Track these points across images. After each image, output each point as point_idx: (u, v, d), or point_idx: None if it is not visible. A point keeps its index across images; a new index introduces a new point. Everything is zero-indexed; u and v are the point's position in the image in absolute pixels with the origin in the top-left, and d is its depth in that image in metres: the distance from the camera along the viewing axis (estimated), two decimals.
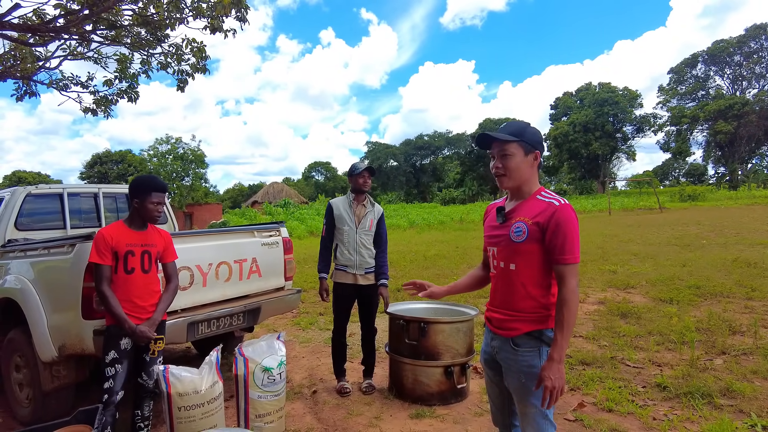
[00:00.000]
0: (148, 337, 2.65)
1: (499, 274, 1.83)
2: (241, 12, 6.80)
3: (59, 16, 6.34)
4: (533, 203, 1.76)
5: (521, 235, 1.72)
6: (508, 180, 1.78)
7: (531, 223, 1.71)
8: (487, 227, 1.95)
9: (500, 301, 1.83)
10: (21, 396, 3.48)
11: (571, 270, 1.67)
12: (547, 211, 1.69)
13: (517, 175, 1.76)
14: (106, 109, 8.09)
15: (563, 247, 1.67)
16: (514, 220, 1.77)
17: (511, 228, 1.76)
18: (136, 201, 2.73)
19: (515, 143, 1.74)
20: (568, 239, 1.66)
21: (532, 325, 1.75)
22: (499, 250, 1.81)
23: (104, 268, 2.61)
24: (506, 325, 1.79)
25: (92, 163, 47.18)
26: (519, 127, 1.77)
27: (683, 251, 10.00)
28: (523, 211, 1.76)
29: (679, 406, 3.23)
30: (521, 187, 1.79)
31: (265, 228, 4.01)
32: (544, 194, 1.78)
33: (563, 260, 1.68)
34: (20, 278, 3.34)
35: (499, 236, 1.81)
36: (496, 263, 1.84)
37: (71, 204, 4.56)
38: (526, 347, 1.76)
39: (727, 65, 48.24)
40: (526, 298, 1.75)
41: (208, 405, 2.66)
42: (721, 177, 49.39)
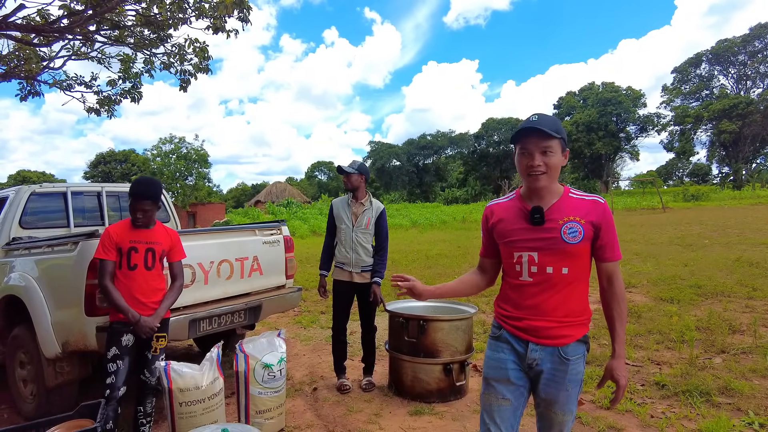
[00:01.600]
0: (152, 328, 2.68)
1: (543, 281, 1.67)
2: (243, 12, 6.84)
3: (63, 16, 6.39)
4: (573, 202, 1.67)
5: (577, 236, 1.62)
6: (547, 179, 1.65)
7: (585, 222, 1.63)
8: (506, 230, 1.74)
9: (545, 308, 1.67)
10: (25, 392, 3.53)
11: (618, 267, 1.70)
12: (597, 209, 1.64)
13: (555, 174, 1.66)
14: (110, 109, 8.15)
15: (613, 244, 1.66)
16: (560, 220, 1.64)
17: (561, 229, 1.63)
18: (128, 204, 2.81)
19: (557, 140, 1.63)
20: (615, 236, 1.67)
21: (582, 329, 1.70)
22: (544, 254, 1.66)
23: (107, 264, 2.66)
24: (555, 333, 1.67)
25: (96, 162, 47.42)
26: (556, 123, 1.66)
27: (685, 251, 9.99)
28: (568, 210, 1.66)
29: (677, 404, 3.25)
30: (552, 186, 1.69)
31: (267, 226, 4.04)
32: (576, 193, 1.71)
33: (615, 257, 1.67)
34: (24, 276, 3.38)
35: (543, 239, 1.66)
36: (537, 269, 1.67)
37: (75, 203, 4.60)
38: (576, 354, 1.68)
39: (731, 65, 48.05)
40: (576, 301, 1.68)
41: (209, 401, 2.70)
42: (725, 177, 49.21)
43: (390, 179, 57.95)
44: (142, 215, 2.75)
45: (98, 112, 8.12)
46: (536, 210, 1.67)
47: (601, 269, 1.70)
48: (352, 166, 3.80)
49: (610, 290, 1.69)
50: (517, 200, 1.75)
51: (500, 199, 1.84)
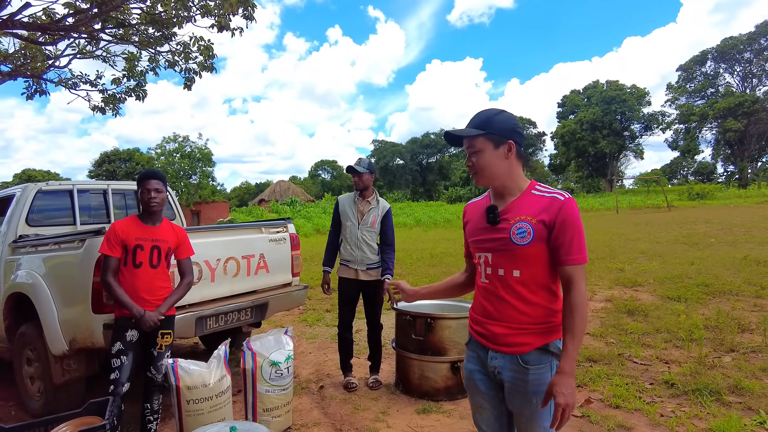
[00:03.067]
0: (155, 322, 2.67)
1: (496, 284, 1.59)
2: (248, 10, 6.83)
3: (68, 14, 6.40)
4: (531, 199, 1.56)
5: (525, 237, 1.50)
6: (481, 178, 1.59)
7: (535, 221, 1.50)
8: (471, 230, 1.70)
9: (500, 312, 1.58)
10: (32, 389, 3.53)
11: (580, 271, 1.50)
12: (553, 207, 1.50)
13: (490, 172, 1.56)
14: (115, 108, 8.17)
15: (571, 246, 1.49)
16: (512, 219, 1.54)
17: (511, 229, 1.53)
18: (137, 194, 2.81)
19: (481, 137, 1.55)
20: (575, 237, 1.49)
21: (542, 337, 1.55)
22: (496, 256, 1.58)
23: (111, 260, 2.65)
24: (511, 340, 1.56)
25: (101, 161, 47.53)
26: (485, 118, 1.57)
27: (691, 249, 9.94)
28: (522, 209, 1.55)
29: (687, 403, 3.22)
30: (503, 183, 1.59)
31: (273, 224, 4.03)
32: (541, 188, 1.58)
33: (572, 260, 1.50)
34: (31, 273, 3.39)
35: (494, 239, 1.58)
36: (491, 271, 1.59)
37: (81, 200, 4.60)
38: (537, 364, 1.54)
39: (737, 62, 47.78)
40: (533, 306, 1.55)
41: (217, 398, 2.69)
42: (731, 175, 48.98)
43: (393, 178, 57.93)
44: (155, 194, 2.75)
45: (103, 110, 8.14)
46: (490, 209, 1.60)
47: (560, 274, 1.54)
48: (361, 165, 3.78)
49: (567, 298, 1.52)
50: (486, 199, 1.70)
51: (478, 197, 1.78)
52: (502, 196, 1.61)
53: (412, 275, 8.78)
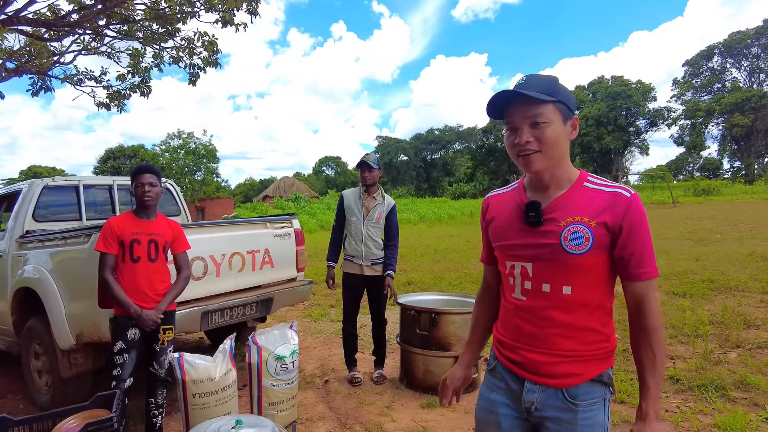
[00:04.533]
0: (154, 322, 2.69)
1: (539, 302, 1.26)
2: (252, 5, 6.83)
3: (73, 11, 6.42)
4: (585, 194, 1.22)
5: (583, 244, 1.18)
6: (542, 159, 1.20)
7: (595, 224, 1.18)
8: (500, 231, 1.34)
9: (543, 337, 1.25)
10: (40, 383, 3.57)
11: (653, 288, 1.20)
12: (618, 206, 1.17)
13: (556, 152, 1.20)
14: (120, 104, 8.20)
15: (642, 257, 1.18)
16: (562, 220, 1.21)
17: (561, 233, 1.20)
18: (131, 189, 2.82)
19: (551, 105, 1.18)
20: (648, 245, 1.19)
21: (595, 366, 1.24)
22: (540, 267, 1.24)
23: (108, 257, 2.66)
24: (556, 369, 1.24)
25: (105, 158, 47.72)
26: (550, 82, 1.21)
27: (697, 246, 9.88)
28: (575, 207, 1.21)
29: (692, 398, 3.22)
30: (556, 170, 1.23)
31: (278, 220, 4.04)
32: (596, 181, 1.25)
33: (645, 274, 1.18)
34: (38, 268, 3.41)
35: (538, 246, 1.23)
36: (532, 286, 1.26)
37: (86, 196, 4.62)
38: (588, 399, 1.23)
39: (744, 57, 47.36)
40: (586, 331, 1.23)
41: (222, 392, 2.70)
42: (737, 171, 48.63)
43: (397, 174, 57.90)
44: (149, 188, 2.74)
45: (108, 106, 8.17)
46: (532, 206, 1.25)
47: (626, 291, 1.23)
48: (372, 160, 3.78)
49: (639, 322, 1.21)
50: (518, 191, 1.34)
51: (502, 188, 1.45)
52: (545, 189, 1.26)
53: (416, 271, 8.79)
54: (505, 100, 1.21)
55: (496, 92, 1.21)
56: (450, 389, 1.52)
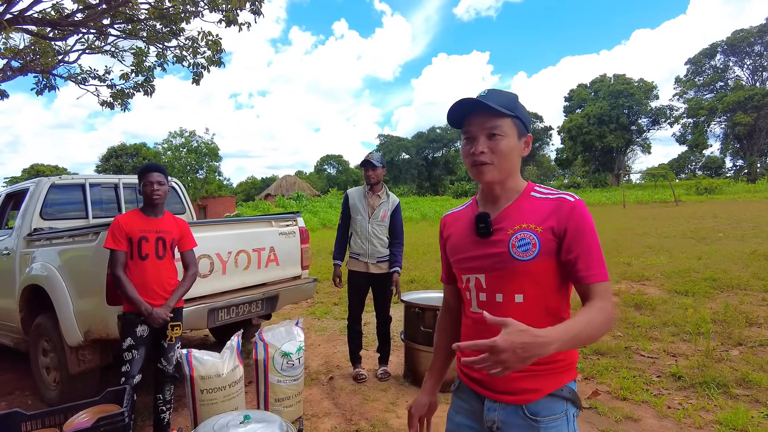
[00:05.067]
0: (164, 319, 2.72)
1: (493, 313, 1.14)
2: (255, 5, 6.86)
3: (78, 10, 6.46)
4: (532, 203, 1.24)
5: (530, 250, 1.18)
6: (494, 170, 1.22)
7: (541, 229, 1.19)
8: (455, 246, 1.34)
9: None
10: (48, 379, 3.61)
11: (605, 290, 1.16)
12: (562, 211, 1.19)
13: (507, 165, 1.23)
14: (123, 103, 8.23)
15: (590, 259, 1.16)
16: (510, 228, 1.21)
17: (509, 241, 1.20)
18: (139, 187, 2.85)
19: (509, 119, 1.21)
20: (594, 247, 1.18)
21: (554, 379, 1.21)
22: (492, 277, 1.23)
23: (119, 254, 2.69)
24: (515, 386, 1.21)
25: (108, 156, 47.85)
26: (511, 99, 1.24)
27: (699, 244, 9.89)
28: (522, 215, 1.22)
29: (694, 395, 3.24)
30: (506, 182, 1.26)
31: (283, 218, 4.08)
32: (542, 190, 1.27)
33: (594, 276, 1.16)
34: (47, 266, 3.45)
35: (488, 256, 1.23)
36: (486, 297, 1.25)
37: (93, 194, 4.66)
38: (549, 415, 1.20)
39: (747, 55, 47.26)
40: None
41: (230, 388, 2.74)
42: (739, 170, 48.58)
43: (399, 173, 57.94)
44: (158, 186, 2.78)
45: (112, 105, 8.20)
46: (481, 217, 1.25)
47: (580, 294, 1.20)
48: (376, 159, 3.82)
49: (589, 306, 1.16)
50: (471, 207, 1.36)
51: (458, 207, 1.45)
52: (495, 201, 1.28)
53: (419, 269, 8.83)
54: (465, 109, 1.23)
55: (458, 100, 1.21)
56: (415, 418, 1.46)
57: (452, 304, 1.47)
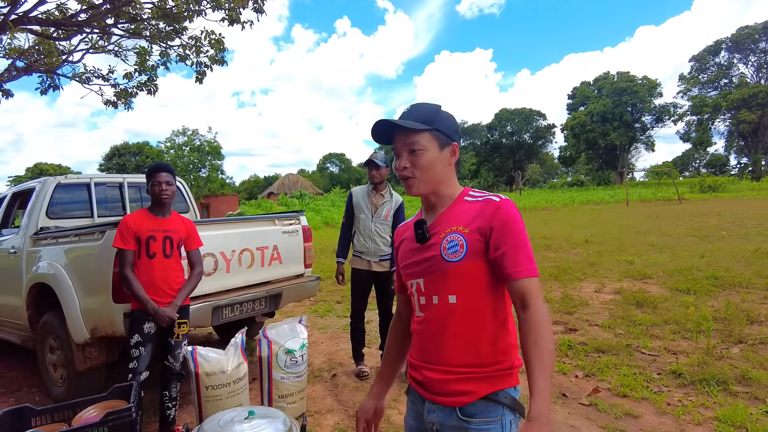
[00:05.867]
0: (171, 318, 2.77)
1: (431, 316, 1.28)
2: (258, 3, 6.89)
3: (81, 10, 6.50)
4: (463, 207, 1.28)
5: (458, 251, 1.22)
6: (419, 184, 1.28)
7: (469, 231, 1.22)
8: (403, 254, 1.38)
9: (437, 353, 1.26)
10: (55, 376, 3.66)
11: (534, 285, 1.18)
12: (487, 211, 1.22)
13: (432, 177, 1.27)
14: (126, 102, 8.29)
15: (517, 255, 1.18)
16: (443, 232, 1.26)
17: (441, 244, 1.24)
18: (147, 187, 2.89)
19: (427, 133, 1.26)
20: (521, 244, 1.19)
21: (490, 383, 1.22)
22: (428, 281, 1.27)
23: (127, 253, 2.74)
24: (450, 387, 1.24)
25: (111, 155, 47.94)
26: (430, 112, 1.29)
27: (702, 242, 9.89)
28: (453, 219, 1.27)
29: (694, 392, 3.27)
30: (440, 191, 1.31)
31: (286, 216, 4.12)
32: (475, 194, 1.31)
33: (521, 272, 1.17)
34: (53, 264, 3.49)
35: (424, 260, 1.28)
36: (425, 300, 1.29)
37: (98, 193, 4.71)
38: (482, 418, 1.21)
39: (751, 52, 46.99)
40: (476, 343, 1.22)
41: (234, 385, 2.78)
42: (744, 168, 48.36)
43: None
44: (166, 186, 2.82)
45: (115, 104, 8.26)
46: (418, 224, 1.31)
47: (509, 291, 1.22)
48: (379, 158, 3.85)
49: (523, 317, 1.17)
50: (417, 216, 1.40)
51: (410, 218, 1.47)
52: (432, 208, 1.34)
53: None
54: (391, 127, 1.29)
55: (376, 122, 1.28)
56: (361, 422, 1.46)
57: (403, 313, 1.50)
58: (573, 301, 5.75)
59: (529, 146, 57.84)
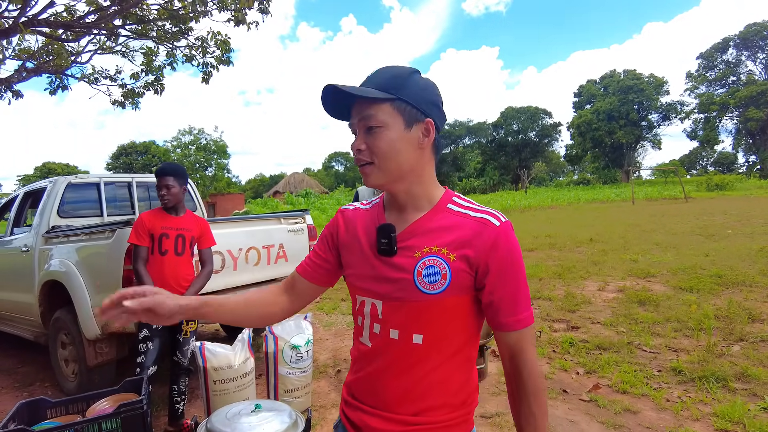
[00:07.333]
0: None
1: (383, 351, 1.00)
2: (263, 4, 6.95)
3: (90, 12, 6.60)
4: (447, 218, 0.98)
5: (439, 281, 0.93)
6: (377, 172, 0.97)
7: (455, 257, 0.93)
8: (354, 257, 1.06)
9: (388, 397, 0.99)
10: (67, 371, 3.75)
11: (529, 336, 0.97)
12: (484, 238, 0.93)
13: (395, 164, 0.96)
14: (134, 101, 8.39)
15: (517, 302, 0.95)
16: (419, 250, 0.96)
17: (416, 267, 0.95)
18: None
19: (388, 104, 0.94)
20: (522, 286, 0.95)
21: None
22: (389, 308, 0.98)
23: (141, 249, 2.83)
24: None
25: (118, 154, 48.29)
26: (396, 76, 0.97)
27: (707, 241, 9.87)
28: (431, 234, 0.97)
29: (693, 389, 3.31)
30: (409, 187, 1.00)
31: (291, 215, 4.19)
32: (462, 203, 1.01)
33: (519, 323, 0.95)
34: (65, 262, 3.59)
35: (388, 280, 0.98)
36: (380, 330, 1.00)
37: (107, 193, 4.81)
38: None
39: (760, 50, 46.63)
40: (441, 388, 0.98)
41: (241, 379, 2.86)
42: (752, 166, 48.01)
43: None
44: (166, 191, 2.90)
45: (123, 104, 8.36)
46: (384, 230, 0.99)
47: (498, 342, 0.99)
48: None
49: (517, 382, 0.97)
50: (377, 208, 1.08)
51: (361, 203, 1.15)
52: (402, 209, 1.02)
53: None
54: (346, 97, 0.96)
55: (324, 87, 0.96)
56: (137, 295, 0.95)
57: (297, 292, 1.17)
58: (576, 299, 5.79)
59: (534, 144, 57.69)
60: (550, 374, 3.72)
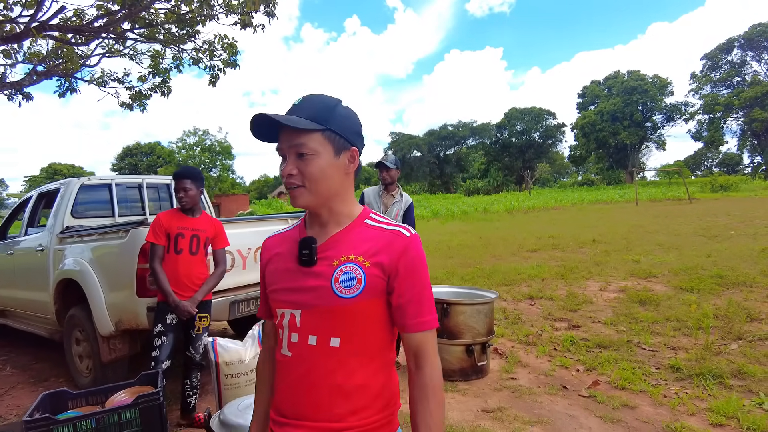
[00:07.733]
0: (189, 312, 2.96)
1: (302, 358, 1.05)
2: (269, 7, 7.07)
3: (99, 16, 6.73)
4: (364, 232, 1.08)
5: (354, 285, 1.02)
6: (307, 194, 1.05)
7: (369, 264, 1.03)
8: (275, 274, 1.13)
9: (312, 406, 1.04)
10: (81, 367, 3.87)
11: (432, 339, 1.06)
12: (395, 246, 1.04)
13: (323, 187, 1.05)
14: (141, 104, 8.52)
15: (422, 305, 1.05)
16: (336, 259, 1.05)
17: (333, 274, 1.03)
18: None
19: (319, 134, 1.03)
20: (426, 291, 1.06)
21: None
22: (307, 315, 1.05)
23: (157, 247, 2.94)
24: None
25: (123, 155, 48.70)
26: (325, 107, 1.06)
27: (710, 242, 9.92)
28: (351, 245, 1.06)
29: (690, 385, 3.40)
30: (333, 206, 1.09)
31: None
32: (377, 218, 1.12)
33: (424, 324, 1.04)
34: (79, 261, 3.70)
35: (306, 290, 1.05)
36: (298, 338, 1.05)
37: (118, 193, 4.93)
38: None
39: (765, 50, 46.49)
40: (362, 392, 1.04)
41: (252, 374, 2.97)
42: (757, 167, 47.86)
43: (411, 170, 58.04)
44: (183, 194, 3.01)
45: (131, 106, 8.49)
46: (305, 243, 1.07)
47: (404, 343, 1.08)
48: (390, 160, 4.01)
49: (418, 381, 1.05)
50: (298, 228, 1.16)
51: (284, 228, 1.24)
52: (323, 225, 1.10)
53: (429, 267, 8.97)
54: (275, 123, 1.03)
55: (254, 115, 1.03)
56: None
57: (272, 344, 1.23)
58: (577, 299, 5.87)
59: (538, 145, 57.72)
60: (550, 371, 3.81)
